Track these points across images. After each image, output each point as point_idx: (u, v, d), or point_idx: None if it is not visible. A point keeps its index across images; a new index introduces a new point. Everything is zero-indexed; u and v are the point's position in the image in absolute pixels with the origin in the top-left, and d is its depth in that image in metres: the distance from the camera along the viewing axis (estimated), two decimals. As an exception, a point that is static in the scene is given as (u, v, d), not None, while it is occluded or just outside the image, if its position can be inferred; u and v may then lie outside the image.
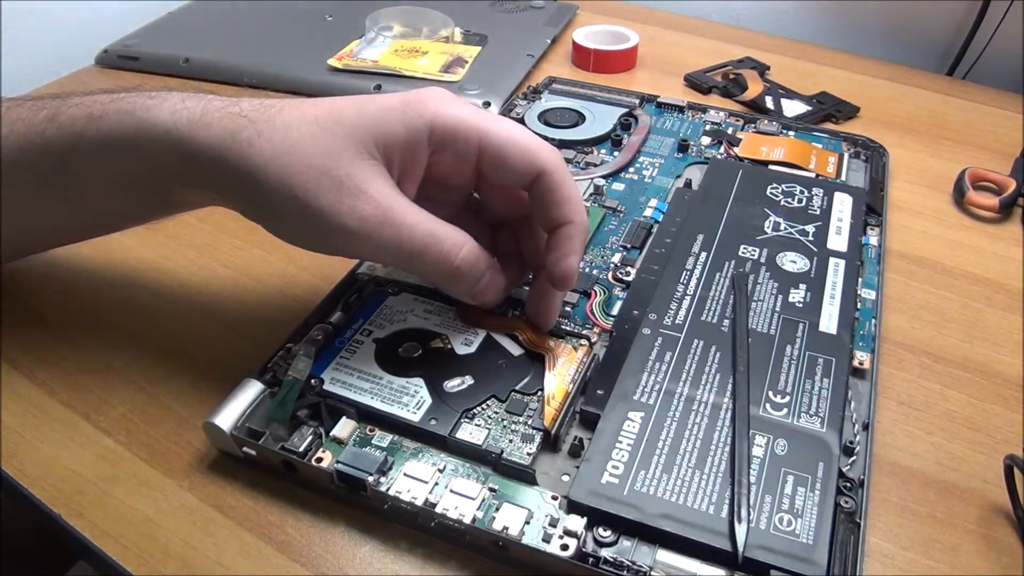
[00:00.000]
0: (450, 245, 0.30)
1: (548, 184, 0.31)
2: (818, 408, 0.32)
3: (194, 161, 0.30)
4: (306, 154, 0.29)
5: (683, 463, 0.29)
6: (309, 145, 0.29)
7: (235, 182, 0.30)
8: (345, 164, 0.29)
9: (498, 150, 0.31)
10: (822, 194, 0.44)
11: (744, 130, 0.52)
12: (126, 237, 0.44)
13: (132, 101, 0.31)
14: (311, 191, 0.28)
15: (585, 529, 0.28)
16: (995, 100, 0.60)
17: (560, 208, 0.32)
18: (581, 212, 0.32)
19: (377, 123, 0.30)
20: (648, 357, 0.34)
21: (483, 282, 0.32)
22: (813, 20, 0.72)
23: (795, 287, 0.38)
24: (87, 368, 0.36)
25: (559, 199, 0.31)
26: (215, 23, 0.67)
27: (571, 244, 0.32)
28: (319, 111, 0.30)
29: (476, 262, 0.31)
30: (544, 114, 0.53)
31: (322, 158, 0.29)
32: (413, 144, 0.30)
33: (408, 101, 0.30)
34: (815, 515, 0.28)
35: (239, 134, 0.29)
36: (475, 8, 0.70)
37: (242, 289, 0.41)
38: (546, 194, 0.31)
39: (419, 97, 0.31)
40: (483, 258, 0.32)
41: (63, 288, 0.41)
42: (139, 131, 0.31)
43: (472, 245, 0.31)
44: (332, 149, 0.29)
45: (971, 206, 0.48)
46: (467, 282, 0.32)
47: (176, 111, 0.30)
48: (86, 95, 0.33)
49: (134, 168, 0.32)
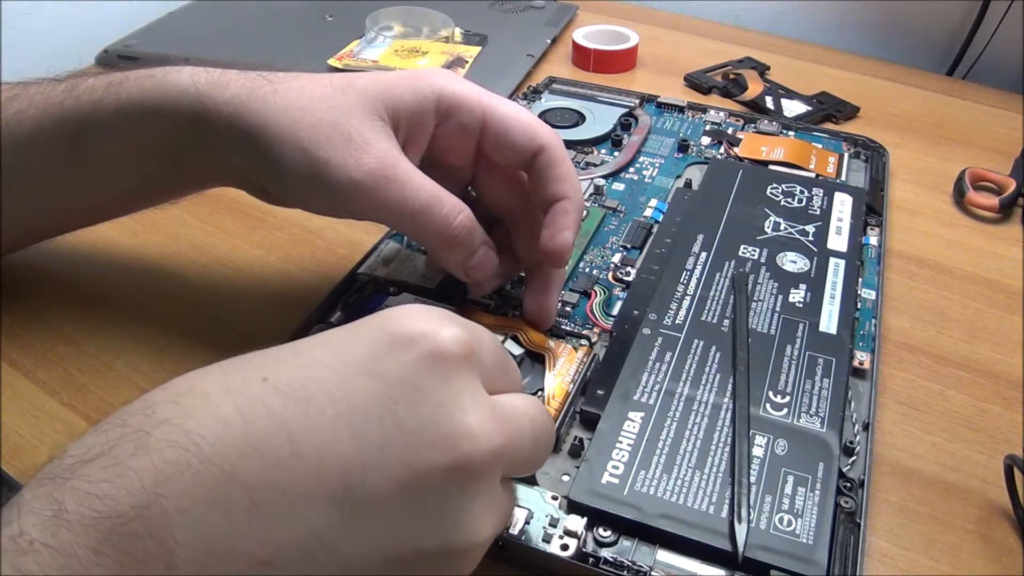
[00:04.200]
0: (449, 208, 0.31)
1: (547, 160, 0.32)
2: (818, 408, 0.32)
3: (209, 120, 0.31)
4: (317, 108, 0.30)
5: (683, 463, 0.29)
6: (321, 101, 0.30)
7: (246, 139, 0.31)
8: (355, 121, 0.30)
9: (501, 124, 0.32)
10: (822, 194, 0.44)
11: (744, 130, 0.52)
12: (126, 238, 0.44)
13: (153, 70, 0.33)
14: (320, 143, 0.30)
15: (585, 529, 0.28)
16: (995, 100, 0.60)
17: (558, 184, 0.32)
18: (578, 190, 0.33)
19: (387, 89, 0.31)
20: (648, 357, 0.34)
21: (478, 256, 0.32)
22: (813, 20, 0.72)
23: (795, 287, 0.38)
24: (87, 368, 0.36)
25: (558, 175, 0.32)
26: (215, 23, 0.67)
27: (567, 219, 0.32)
28: (335, 78, 0.32)
29: (472, 229, 0.32)
30: (544, 114, 0.53)
31: (333, 113, 0.30)
32: (420, 112, 0.32)
33: (418, 74, 0.32)
34: (815, 515, 0.28)
35: (256, 91, 0.31)
36: (475, 8, 0.70)
37: (242, 289, 0.41)
38: (545, 170, 0.32)
39: (429, 71, 0.33)
40: (479, 230, 0.32)
41: (63, 288, 0.41)
42: (158, 92, 0.32)
43: (469, 213, 0.32)
44: (343, 107, 0.30)
45: (971, 206, 0.48)
46: (462, 249, 0.32)
47: (196, 74, 0.32)
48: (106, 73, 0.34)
49: (150, 132, 0.33)
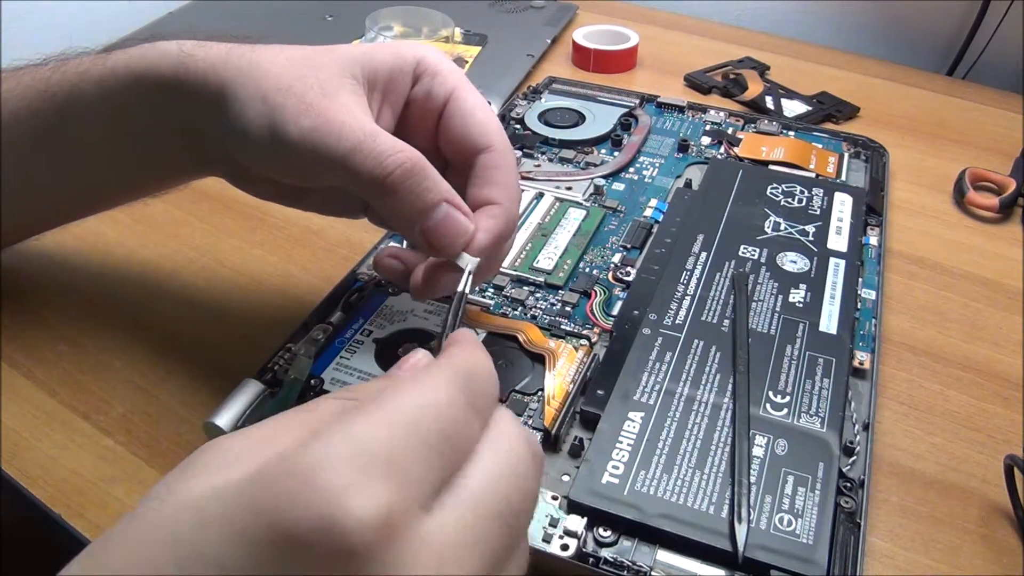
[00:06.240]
0: (386, 146, 0.28)
1: (492, 161, 0.31)
2: (818, 408, 0.32)
3: (187, 81, 0.30)
4: (289, 65, 0.29)
5: (683, 463, 0.29)
6: (296, 60, 0.30)
7: (217, 96, 0.30)
8: (323, 75, 0.29)
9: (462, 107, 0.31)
10: (822, 194, 0.44)
11: (744, 130, 0.52)
12: (126, 238, 0.44)
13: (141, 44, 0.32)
14: (280, 90, 0.29)
15: (585, 529, 0.28)
16: (995, 100, 0.60)
17: (493, 188, 0.30)
18: (513, 202, 0.31)
19: (368, 51, 0.31)
20: (648, 357, 0.34)
21: (436, 215, 0.28)
22: (813, 20, 0.72)
23: (795, 287, 0.38)
24: (87, 368, 0.36)
25: (496, 179, 0.30)
26: (215, 23, 0.67)
27: (489, 222, 0.30)
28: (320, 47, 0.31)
29: (416, 173, 0.28)
30: (544, 114, 0.53)
31: (302, 68, 0.29)
32: (398, 71, 0.31)
33: (403, 43, 0.33)
34: (815, 515, 0.28)
35: (233, 51, 0.30)
36: (475, 8, 0.70)
37: (242, 289, 0.41)
38: (485, 170, 0.31)
39: (415, 44, 0.33)
40: (433, 181, 0.28)
41: (63, 288, 0.41)
42: (142, 57, 0.32)
43: (416, 156, 0.28)
44: (317, 63, 0.30)
45: (971, 206, 0.48)
46: (407, 200, 0.28)
47: (181, 41, 0.32)
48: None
49: (130, 99, 0.32)
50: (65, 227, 0.39)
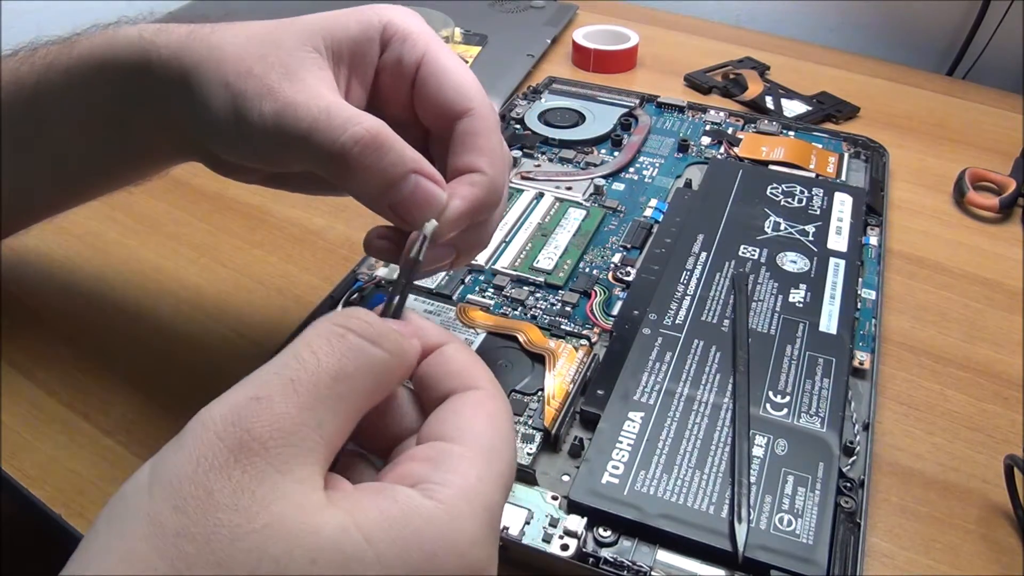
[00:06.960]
0: (343, 119, 0.25)
1: (472, 126, 0.28)
2: (818, 408, 0.32)
3: (151, 68, 0.30)
4: (250, 44, 0.28)
5: (683, 463, 0.29)
6: (257, 37, 0.28)
7: (182, 81, 0.29)
8: (284, 54, 0.28)
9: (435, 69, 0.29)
10: (822, 194, 0.44)
11: (744, 130, 0.52)
12: (126, 238, 0.44)
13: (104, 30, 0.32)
14: (241, 75, 0.27)
15: (585, 529, 0.28)
16: (995, 100, 0.60)
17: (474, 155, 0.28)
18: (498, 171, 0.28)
19: (331, 20, 0.29)
20: (648, 357, 0.34)
21: (405, 188, 0.26)
22: (813, 20, 0.72)
23: (795, 287, 0.38)
24: (87, 368, 0.36)
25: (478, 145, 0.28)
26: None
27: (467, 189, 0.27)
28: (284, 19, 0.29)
29: (375, 145, 0.25)
30: (544, 114, 0.53)
31: (263, 47, 0.28)
32: (364, 40, 0.29)
33: (368, 5, 0.30)
34: (815, 515, 0.28)
35: (197, 32, 0.29)
36: (475, 8, 0.70)
37: (242, 289, 0.41)
38: (466, 136, 0.28)
39: (381, 4, 0.30)
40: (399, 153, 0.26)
41: (63, 288, 0.41)
42: (106, 45, 0.31)
43: (373, 125, 0.25)
44: (278, 40, 0.28)
45: (971, 206, 0.48)
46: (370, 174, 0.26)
47: (144, 27, 0.31)
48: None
49: (99, 86, 0.32)
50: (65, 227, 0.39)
